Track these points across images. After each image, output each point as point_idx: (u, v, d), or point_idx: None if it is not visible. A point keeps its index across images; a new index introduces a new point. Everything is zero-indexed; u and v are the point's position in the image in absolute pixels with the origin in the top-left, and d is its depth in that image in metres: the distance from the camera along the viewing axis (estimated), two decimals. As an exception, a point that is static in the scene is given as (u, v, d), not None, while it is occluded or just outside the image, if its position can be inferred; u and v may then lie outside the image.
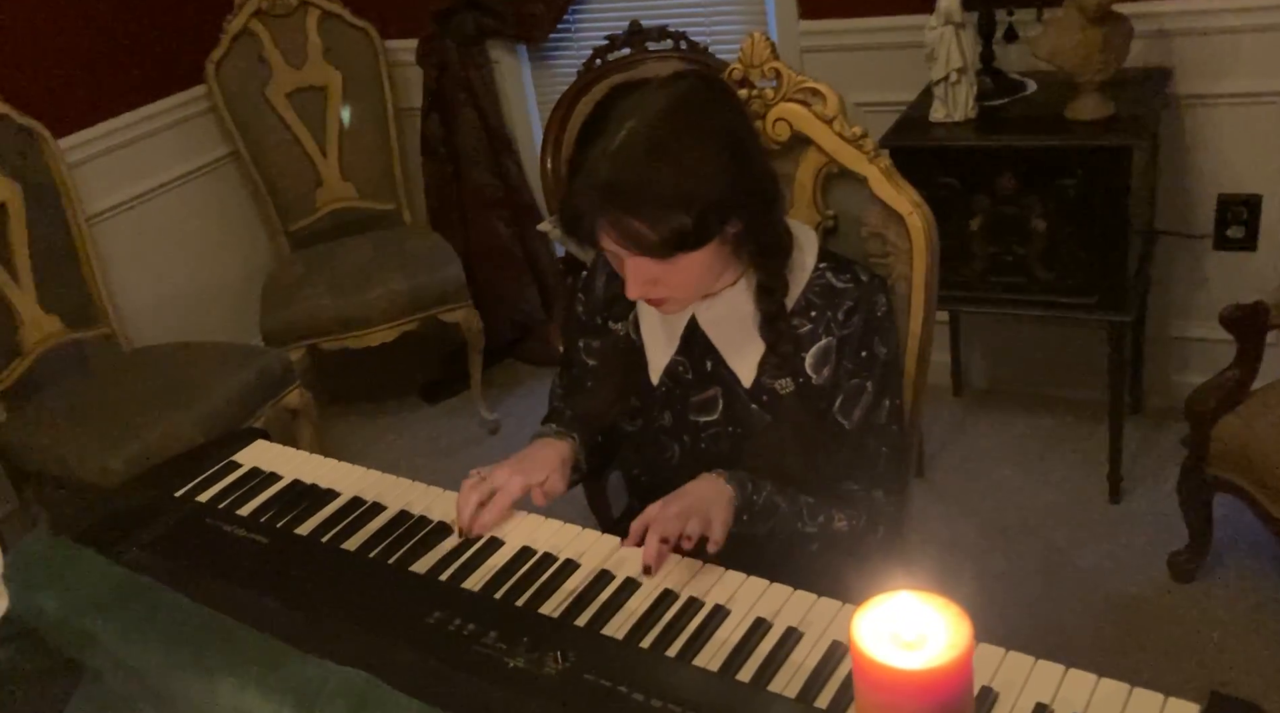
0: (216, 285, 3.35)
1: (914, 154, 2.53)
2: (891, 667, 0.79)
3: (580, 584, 1.24)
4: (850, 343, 1.43)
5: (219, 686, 1.12)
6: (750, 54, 1.62)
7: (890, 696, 0.80)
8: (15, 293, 2.68)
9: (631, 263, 1.32)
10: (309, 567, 1.31)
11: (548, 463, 1.44)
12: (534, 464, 1.44)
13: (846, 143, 1.58)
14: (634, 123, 1.27)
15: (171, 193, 3.24)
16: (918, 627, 0.81)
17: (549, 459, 1.45)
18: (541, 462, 1.44)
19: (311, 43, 3.27)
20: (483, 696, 1.07)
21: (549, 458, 1.45)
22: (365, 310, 3.03)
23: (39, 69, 2.85)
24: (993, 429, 3.02)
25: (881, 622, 0.81)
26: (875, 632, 0.81)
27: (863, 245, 1.64)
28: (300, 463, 1.54)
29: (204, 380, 2.67)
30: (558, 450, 1.47)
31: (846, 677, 1.06)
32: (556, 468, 1.44)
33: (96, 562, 1.30)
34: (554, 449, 1.47)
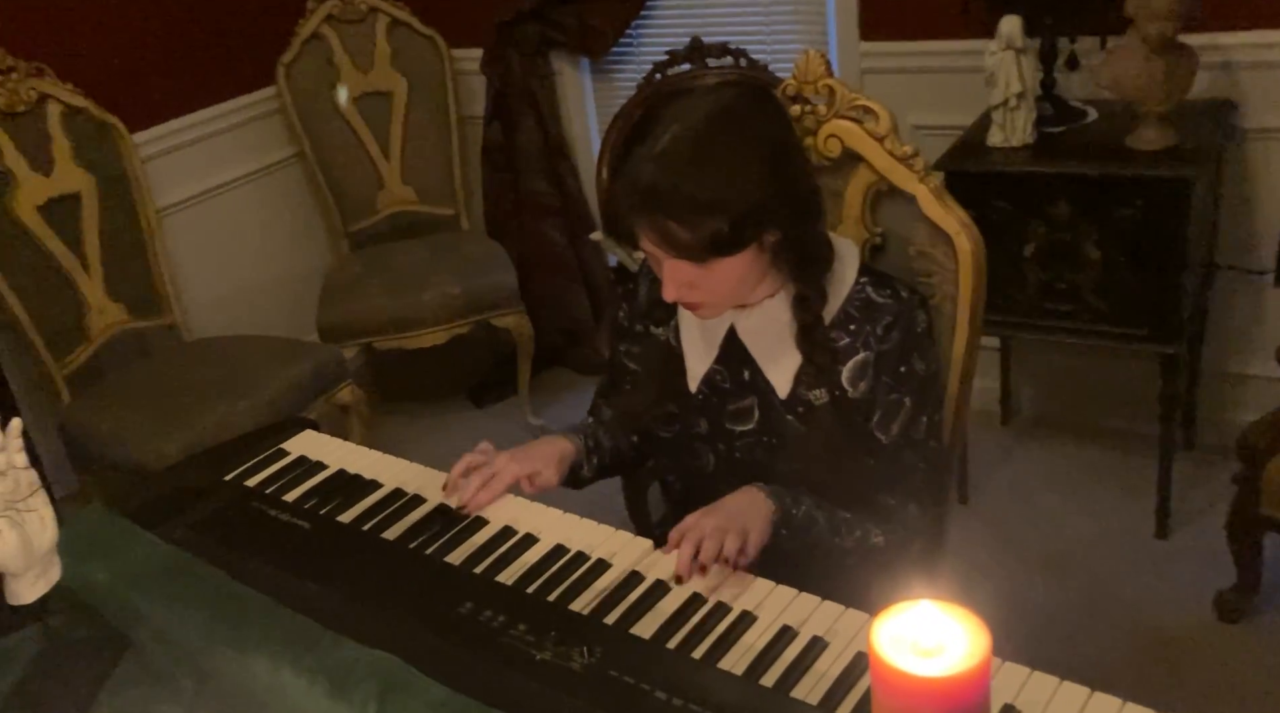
0: (276, 281, 3.42)
1: (969, 177, 2.52)
2: (909, 673, 0.80)
3: (611, 584, 1.26)
4: (889, 358, 1.43)
5: (255, 663, 1.15)
6: (804, 70, 1.63)
7: (907, 702, 0.81)
8: (84, 281, 2.77)
9: (669, 265, 1.35)
10: (348, 553, 1.35)
11: (545, 457, 1.50)
12: (532, 456, 1.50)
13: (897, 161, 1.59)
14: (678, 127, 1.29)
15: (238, 190, 3.33)
16: (937, 635, 0.81)
17: (547, 454, 1.51)
18: (539, 455, 1.50)
19: (380, 49, 3.34)
20: (509, 685, 1.09)
21: (547, 453, 1.51)
22: (419, 311, 3.08)
23: (118, 66, 2.94)
24: (1040, 458, 2.99)
25: (901, 629, 0.82)
26: (894, 639, 0.82)
27: (910, 264, 1.65)
28: (346, 453, 1.58)
29: (259, 373, 2.73)
30: (558, 448, 1.53)
31: (869, 688, 1.06)
32: (553, 463, 1.50)
33: (145, 538, 1.34)
34: (555, 446, 1.53)
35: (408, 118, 3.40)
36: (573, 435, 1.58)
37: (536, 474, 1.50)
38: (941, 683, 0.79)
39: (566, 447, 1.54)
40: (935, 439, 1.49)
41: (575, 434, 1.58)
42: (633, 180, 1.30)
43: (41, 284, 2.68)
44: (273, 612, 1.21)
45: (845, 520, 1.42)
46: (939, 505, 1.53)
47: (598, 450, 1.61)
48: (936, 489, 1.51)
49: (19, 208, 2.63)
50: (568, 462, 1.53)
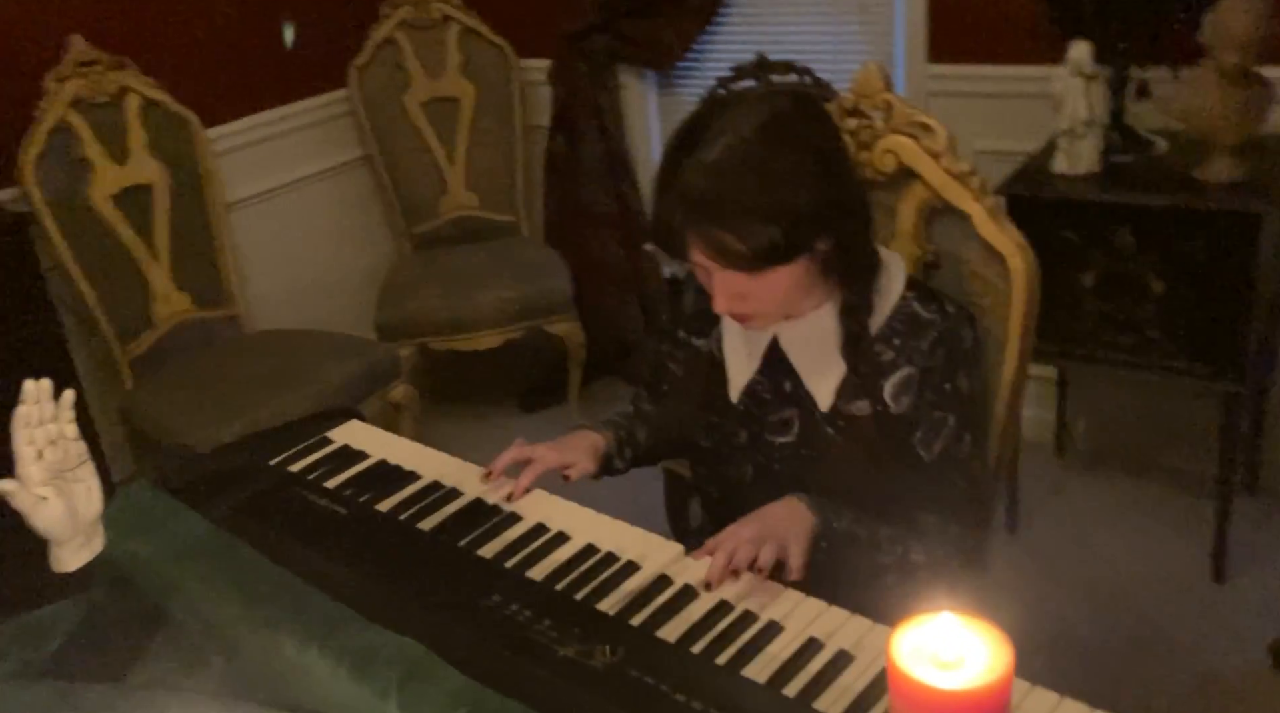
0: (338, 279, 3.48)
1: (1031, 203, 2.49)
2: (928, 685, 0.78)
3: (639, 586, 1.26)
4: (933, 375, 1.42)
5: (283, 642, 1.17)
6: (862, 83, 1.62)
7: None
8: (152, 269, 2.84)
9: (720, 277, 1.34)
10: (382, 541, 1.37)
11: (580, 449, 1.54)
12: (569, 447, 1.53)
13: (953, 178, 1.57)
14: (729, 137, 1.29)
15: (306, 188, 3.39)
16: (958, 648, 0.80)
17: (582, 446, 1.54)
18: (575, 447, 1.54)
19: (450, 56, 3.39)
20: (529, 678, 1.09)
21: (583, 446, 1.55)
22: (474, 314, 3.12)
23: (196, 63, 3.02)
24: (1094, 493, 2.93)
25: (922, 640, 0.81)
26: (914, 650, 0.80)
27: (962, 284, 1.63)
28: (388, 444, 1.60)
29: (316, 367, 2.78)
30: (592, 440, 1.57)
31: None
32: (589, 454, 1.54)
33: (188, 516, 1.37)
34: (589, 439, 1.57)
35: (474, 124, 3.45)
36: (604, 429, 1.60)
37: (574, 465, 1.52)
38: (961, 696, 0.78)
39: (599, 440, 1.58)
40: (978, 459, 1.47)
41: (607, 427, 1.60)
42: (683, 191, 1.30)
43: (111, 271, 2.76)
44: (304, 593, 1.22)
45: (886, 537, 1.41)
46: (980, 527, 1.51)
47: (631, 443, 1.63)
48: (978, 510, 1.49)
49: (94, 195, 2.71)
50: (600, 454, 1.57)
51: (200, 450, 2.51)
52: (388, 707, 1.08)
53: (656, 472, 2.26)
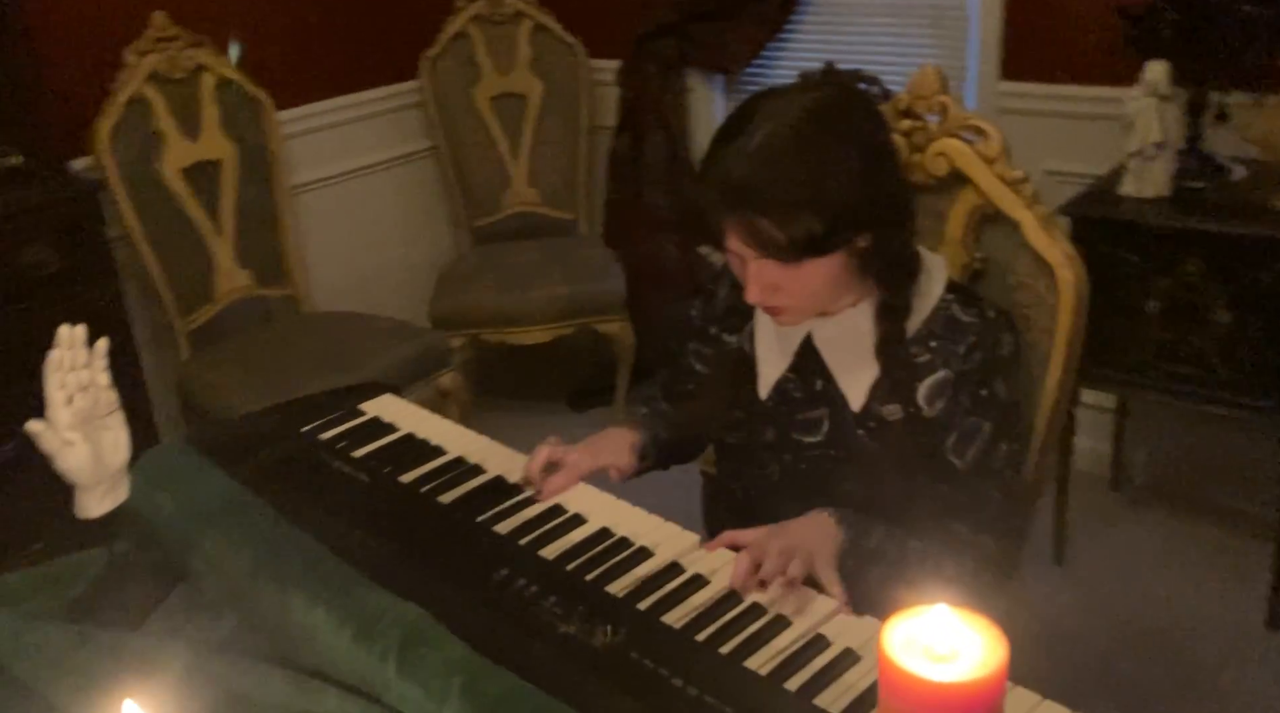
0: (397, 267, 3.52)
1: (1096, 224, 2.43)
2: (920, 677, 0.76)
3: (650, 572, 1.24)
4: (969, 379, 1.38)
5: (292, 600, 1.17)
6: (919, 84, 1.60)
7: (916, 708, 0.77)
8: (216, 243, 2.90)
9: (755, 266, 1.33)
10: (400, 510, 1.37)
11: (617, 449, 1.51)
12: (604, 450, 1.50)
13: (1005, 185, 1.54)
14: (772, 124, 1.27)
15: (371, 176, 3.44)
16: (952, 641, 0.77)
17: (619, 445, 1.52)
18: (611, 448, 1.51)
19: (521, 52, 3.42)
20: (527, 651, 1.08)
21: (619, 445, 1.52)
22: (525, 307, 3.13)
23: (271, 45, 3.08)
24: (1147, 529, 2.84)
25: (915, 632, 0.78)
26: (907, 642, 0.78)
27: (1010, 295, 1.59)
28: (419, 420, 1.61)
29: (367, 349, 2.81)
30: (625, 437, 1.54)
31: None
32: (625, 451, 1.52)
33: (215, 474, 1.39)
34: (622, 436, 1.54)
35: (540, 121, 3.47)
36: (637, 426, 1.57)
37: (611, 466, 1.50)
38: (953, 689, 0.75)
39: (633, 436, 1.55)
40: (1013, 469, 1.43)
41: (638, 425, 1.58)
42: (724, 177, 1.29)
43: (176, 243, 2.82)
44: (317, 555, 1.23)
45: (916, 550, 1.36)
46: (1012, 540, 1.46)
47: (656, 442, 1.60)
48: (1011, 521, 1.45)
49: (165, 168, 2.77)
50: (636, 448, 1.54)
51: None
52: (387, 669, 1.08)
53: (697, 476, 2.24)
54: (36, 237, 2.34)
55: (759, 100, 1.33)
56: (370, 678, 1.09)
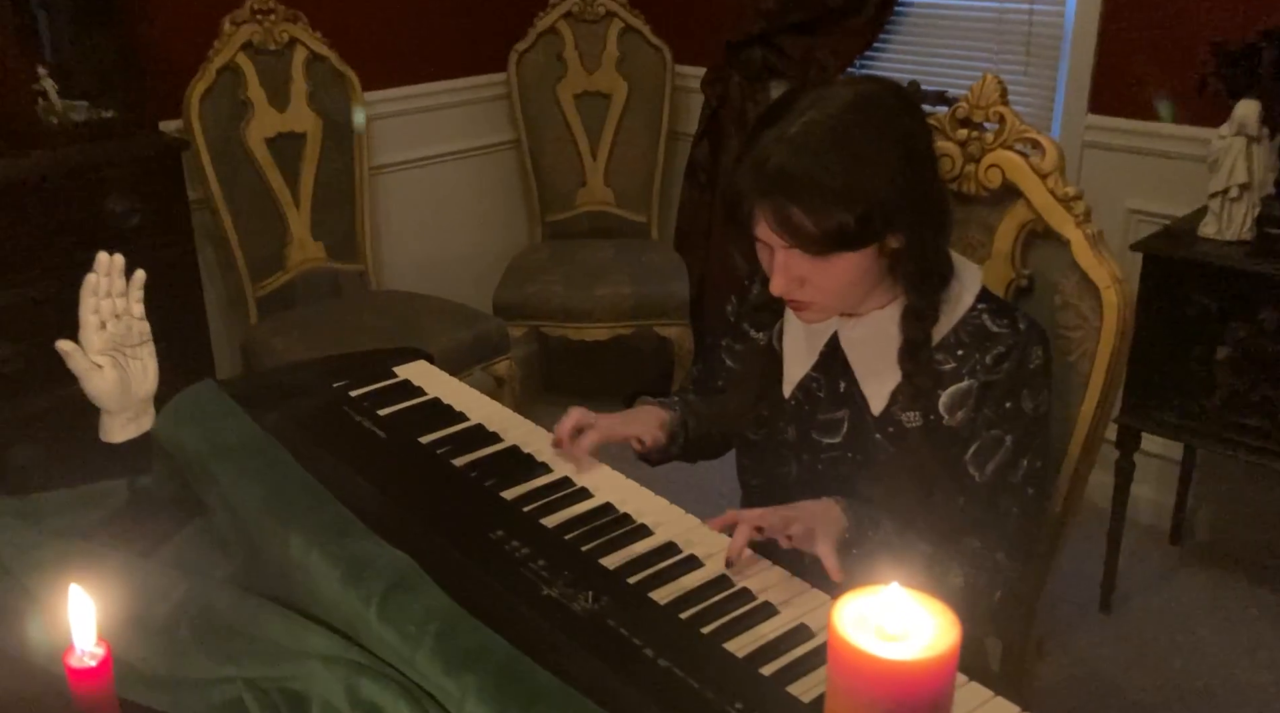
0: (467, 255, 3.56)
1: (1171, 264, 2.35)
2: (870, 654, 0.74)
3: (646, 549, 1.24)
4: (994, 391, 1.35)
5: (291, 540, 1.19)
6: (979, 94, 1.57)
7: (865, 686, 0.75)
8: (292, 214, 2.98)
9: (783, 256, 1.31)
10: (411, 467, 1.39)
11: (647, 422, 1.52)
12: (635, 421, 1.51)
13: (1056, 201, 1.51)
14: (814, 113, 1.26)
15: (451, 163, 3.50)
16: (904, 621, 0.76)
17: (649, 419, 1.52)
18: (642, 420, 1.52)
19: (608, 52, 3.45)
20: (507, 608, 1.08)
21: (649, 419, 1.53)
22: (588, 304, 3.15)
23: (365, 26, 3.16)
24: (1204, 587, 2.73)
25: (866, 611, 0.77)
26: (858, 619, 0.76)
27: (1054, 315, 1.55)
28: (447, 386, 1.63)
29: (427, 329, 2.86)
30: (657, 414, 1.54)
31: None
32: (655, 427, 1.52)
33: (240, 417, 1.42)
34: (654, 413, 1.55)
35: (621, 122, 3.49)
36: (669, 407, 1.57)
37: (639, 436, 1.51)
38: (902, 668, 0.73)
39: (664, 414, 1.56)
40: (1034, 487, 1.39)
41: (671, 408, 1.58)
42: (760, 162, 1.28)
43: (254, 210, 2.90)
44: (321, 499, 1.25)
45: (924, 554, 1.34)
46: (1029, 558, 1.42)
47: (684, 429, 1.60)
48: (1028, 540, 1.40)
49: (250, 136, 2.86)
50: (668, 429, 1.55)
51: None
52: (369, 613, 1.09)
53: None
54: (120, 189, 2.42)
55: (804, 90, 1.32)
56: (353, 621, 1.10)
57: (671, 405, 1.61)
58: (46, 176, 2.33)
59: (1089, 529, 2.68)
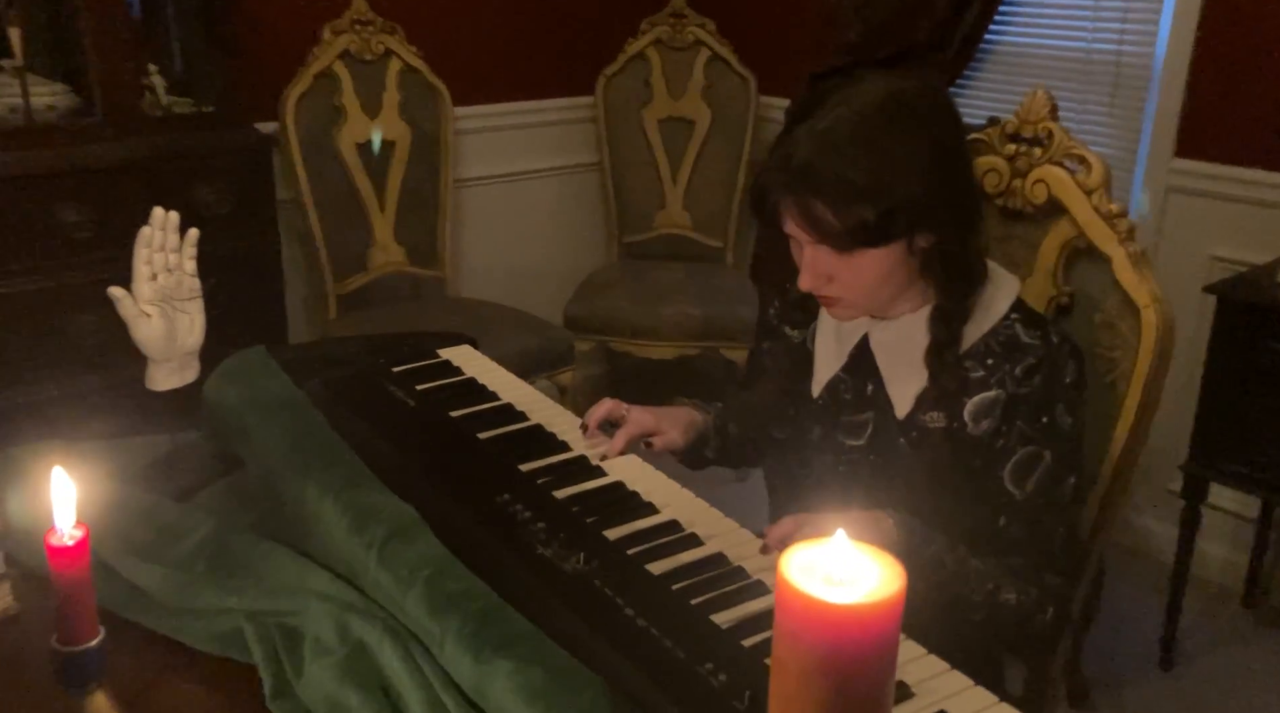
0: (544, 270, 3.63)
1: (1245, 308, 2.29)
2: (817, 599, 0.75)
3: (648, 525, 1.25)
4: (1027, 404, 1.33)
5: (307, 490, 1.24)
6: (1028, 109, 1.57)
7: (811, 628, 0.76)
8: (377, 218, 3.09)
9: (810, 252, 1.32)
10: (434, 434, 1.43)
11: (674, 419, 1.51)
12: (664, 415, 1.51)
13: (1100, 218, 1.49)
14: (845, 109, 1.27)
15: (533, 182, 3.58)
16: (849, 570, 0.76)
17: (676, 417, 1.52)
18: (669, 416, 1.51)
19: (694, 79, 3.51)
20: (499, 562, 1.11)
21: (677, 417, 1.52)
22: (655, 322, 3.18)
23: (459, 42, 3.28)
24: (1274, 652, 2.62)
25: (814, 561, 0.77)
26: (805, 568, 0.77)
27: (1094, 333, 1.53)
28: (485, 369, 1.67)
29: (496, 334, 2.92)
30: (689, 415, 1.54)
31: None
32: (680, 426, 1.51)
33: (281, 379, 1.48)
34: (687, 413, 1.54)
35: (703, 149, 3.54)
36: (704, 410, 1.58)
37: (663, 433, 1.51)
38: (849, 611, 0.74)
39: (697, 417, 1.56)
40: (1078, 505, 1.36)
41: (707, 410, 1.58)
42: (787, 156, 1.29)
43: (341, 211, 3.02)
44: (340, 453, 1.29)
45: (977, 571, 1.30)
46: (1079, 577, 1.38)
47: (722, 433, 1.60)
48: (1077, 560, 1.37)
49: (341, 141, 2.98)
50: (694, 431, 1.54)
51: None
52: (369, 559, 1.12)
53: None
54: (212, 178, 2.56)
55: (839, 87, 1.33)
56: (355, 566, 1.14)
57: (708, 408, 1.62)
58: (146, 161, 2.47)
59: (1155, 583, 2.59)
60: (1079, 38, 2.92)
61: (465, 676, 0.97)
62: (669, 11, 3.51)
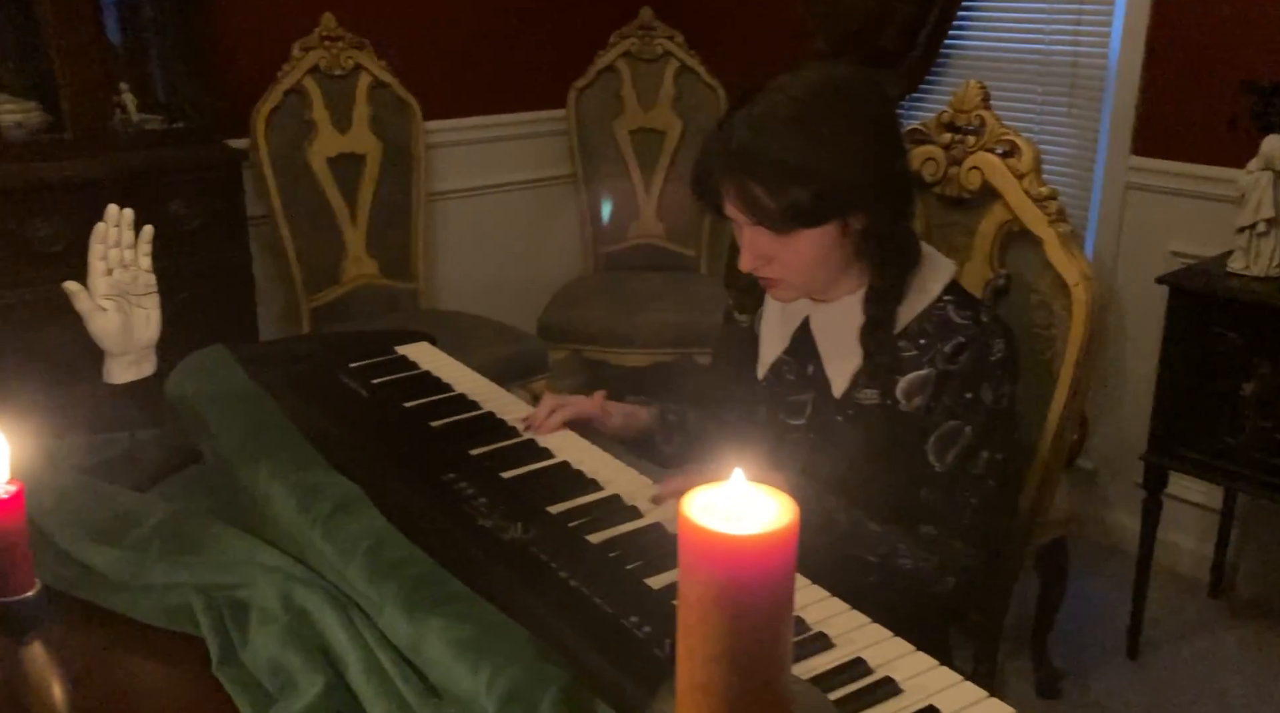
0: (520, 282, 3.66)
1: (1196, 298, 2.33)
2: (715, 532, 0.79)
3: (592, 500, 1.29)
4: (954, 381, 1.37)
5: (260, 474, 1.28)
6: (961, 98, 1.62)
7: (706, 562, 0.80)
8: (349, 231, 3.13)
9: (749, 233, 1.37)
10: (387, 422, 1.47)
11: (617, 411, 1.58)
12: (609, 406, 1.57)
13: (1031, 201, 1.54)
14: (781, 95, 1.32)
15: (508, 194, 3.63)
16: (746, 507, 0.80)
17: (622, 410, 1.59)
18: (613, 406, 1.58)
19: (665, 90, 3.56)
20: (438, 532, 1.15)
21: (622, 409, 1.59)
22: (630, 330, 3.22)
23: (429, 57, 3.32)
24: (1242, 642, 2.64)
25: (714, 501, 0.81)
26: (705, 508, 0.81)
27: (1030, 314, 1.57)
28: (443, 364, 1.71)
29: (468, 345, 2.94)
30: (633, 410, 1.61)
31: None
32: (620, 415, 1.58)
33: (238, 373, 1.52)
34: (632, 410, 1.61)
35: (675, 159, 3.59)
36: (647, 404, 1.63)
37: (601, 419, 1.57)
38: (741, 541, 0.78)
39: (642, 413, 1.62)
40: (995, 478, 1.40)
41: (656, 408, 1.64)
42: (725, 140, 1.34)
43: (313, 225, 3.06)
44: (292, 438, 1.33)
45: (873, 534, 1.35)
46: (989, 549, 1.42)
47: (681, 428, 1.64)
48: (988, 531, 1.41)
49: (313, 155, 3.03)
50: (637, 427, 1.60)
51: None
52: (315, 533, 1.16)
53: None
54: (183, 194, 2.60)
55: (780, 74, 1.38)
56: (302, 541, 1.17)
57: (668, 407, 1.66)
58: (116, 177, 2.51)
59: (1127, 577, 2.62)
60: (1036, 40, 2.98)
61: (401, 635, 1.01)
62: (638, 24, 3.57)
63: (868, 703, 0.97)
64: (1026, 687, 2.47)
